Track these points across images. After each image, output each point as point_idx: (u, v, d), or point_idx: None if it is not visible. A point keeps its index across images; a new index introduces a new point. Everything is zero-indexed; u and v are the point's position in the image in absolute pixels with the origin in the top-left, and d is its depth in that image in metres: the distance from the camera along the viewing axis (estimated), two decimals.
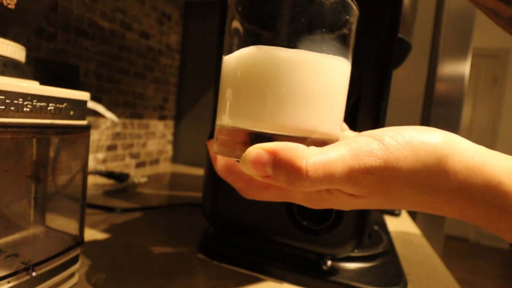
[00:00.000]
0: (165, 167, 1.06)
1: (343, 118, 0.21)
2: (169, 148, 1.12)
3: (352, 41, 0.20)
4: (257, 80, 0.18)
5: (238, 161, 0.18)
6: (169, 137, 1.11)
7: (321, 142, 0.19)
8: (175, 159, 1.14)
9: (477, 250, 2.77)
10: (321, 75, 0.18)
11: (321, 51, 0.18)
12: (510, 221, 0.16)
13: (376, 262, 0.39)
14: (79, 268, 0.30)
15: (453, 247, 2.71)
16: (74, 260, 0.29)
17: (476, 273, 2.28)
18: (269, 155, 0.16)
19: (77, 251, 0.29)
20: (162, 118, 1.05)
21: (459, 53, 0.87)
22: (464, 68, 0.87)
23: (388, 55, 0.32)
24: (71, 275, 0.29)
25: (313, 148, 0.17)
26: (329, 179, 0.16)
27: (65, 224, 0.30)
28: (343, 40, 0.19)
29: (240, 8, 0.19)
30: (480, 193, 0.16)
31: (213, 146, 0.21)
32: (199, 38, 1.09)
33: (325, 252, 0.36)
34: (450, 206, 0.17)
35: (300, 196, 0.21)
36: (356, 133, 0.25)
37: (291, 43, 0.18)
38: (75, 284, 0.30)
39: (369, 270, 0.38)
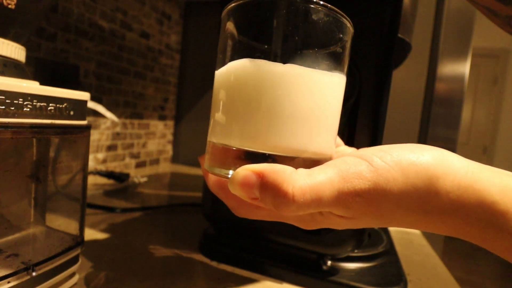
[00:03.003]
0: (165, 167, 1.06)
1: (336, 135, 0.20)
2: (169, 148, 1.12)
3: (346, 57, 0.20)
4: (246, 96, 0.18)
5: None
6: (169, 137, 1.11)
7: (313, 161, 0.18)
8: (175, 159, 1.14)
9: (477, 250, 2.77)
10: (313, 92, 0.18)
11: (315, 68, 0.18)
12: (506, 240, 0.15)
13: (376, 262, 0.39)
14: (79, 268, 0.30)
15: (453, 247, 2.71)
16: (74, 260, 0.29)
17: (476, 273, 2.28)
18: (257, 177, 0.16)
19: (77, 251, 0.29)
20: (162, 118, 1.05)
21: (459, 53, 0.87)
22: (464, 68, 0.87)
23: (388, 55, 0.32)
24: (71, 275, 0.29)
25: (301, 171, 0.16)
26: (316, 203, 0.16)
27: (65, 224, 0.30)
28: (337, 58, 0.19)
29: (233, 24, 0.19)
30: (473, 212, 0.16)
31: (204, 163, 0.21)
32: (199, 38, 1.09)
33: (325, 252, 0.36)
34: (444, 226, 0.17)
35: (292, 217, 0.21)
36: (352, 149, 0.25)
37: (284, 60, 0.17)
38: (75, 284, 0.30)
39: (369, 270, 0.38)
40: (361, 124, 0.33)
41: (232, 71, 0.18)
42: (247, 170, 0.16)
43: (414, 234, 0.59)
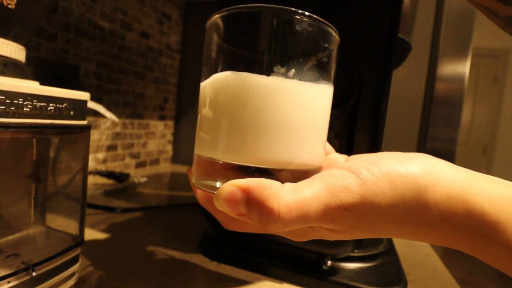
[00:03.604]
0: (165, 167, 1.06)
1: (324, 144, 0.20)
2: (169, 148, 1.12)
3: (333, 66, 0.19)
4: (230, 109, 0.17)
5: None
6: (169, 137, 1.11)
7: (301, 173, 0.18)
8: (175, 159, 1.14)
9: None
10: (298, 104, 0.17)
11: (300, 79, 0.18)
12: (496, 250, 0.15)
13: (376, 262, 0.39)
14: (79, 268, 0.30)
15: None
16: (74, 260, 0.29)
17: (476, 273, 2.28)
18: (243, 193, 0.15)
19: (77, 251, 0.29)
20: (162, 118, 1.05)
21: (459, 53, 0.87)
22: (464, 68, 0.87)
23: (388, 55, 0.32)
24: (71, 275, 0.29)
25: (287, 186, 0.16)
26: (303, 219, 0.15)
27: (65, 224, 0.30)
28: (323, 67, 0.19)
29: (217, 35, 0.19)
30: (463, 223, 0.15)
31: (192, 177, 0.20)
32: (199, 38, 1.09)
33: (325, 252, 0.36)
34: (435, 236, 0.16)
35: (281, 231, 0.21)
36: (343, 156, 0.25)
37: (268, 72, 0.17)
38: (75, 284, 0.30)
39: (369, 270, 0.38)
40: (361, 124, 0.33)
41: (216, 84, 0.18)
42: (232, 185, 0.16)
43: None
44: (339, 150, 0.35)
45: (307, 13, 0.17)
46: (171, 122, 1.11)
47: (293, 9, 0.17)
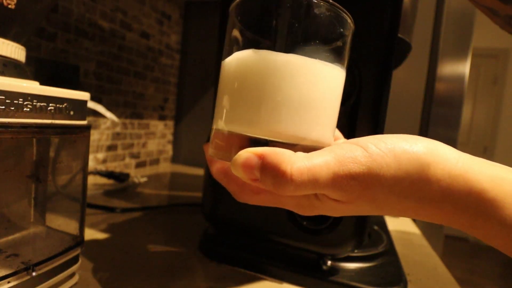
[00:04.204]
0: (165, 167, 1.06)
1: (335, 125, 0.21)
2: (169, 148, 1.12)
3: (347, 53, 0.20)
4: (250, 83, 0.18)
5: None
6: (169, 137, 1.11)
7: (312, 149, 0.19)
8: (175, 159, 1.14)
9: (477, 250, 2.77)
10: (314, 82, 0.18)
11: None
12: (495, 227, 0.16)
13: (376, 262, 0.39)
14: (79, 268, 0.30)
15: (453, 247, 2.71)
16: (74, 260, 0.29)
17: (476, 273, 2.28)
18: (258, 158, 0.17)
19: (77, 251, 0.29)
20: (162, 118, 1.05)
21: (459, 53, 0.87)
22: (464, 68, 0.87)
23: (388, 55, 0.32)
24: (71, 275, 0.29)
25: (300, 154, 0.17)
26: (313, 184, 0.16)
27: (65, 224, 0.30)
28: (337, 52, 0.20)
29: (239, 18, 0.20)
30: (463, 200, 0.16)
31: (209, 149, 0.22)
32: (199, 38, 1.09)
33: (325, 252, 0.36)
34: (435, 213, 0.17)
35: (290, 202, 0.22)
36: (351, 140, 0.25)
37: (287, 52, 0.18)
38: (75, 284, 0.30)
39: (369, 270, 0.38)
40: (361, 124, 0.33)
41: (238, 61, 0.19)
42: (249, 152, 0.17)
43: (414, 234, 0.59)
44: None
45: None
46: (171, 122, 1.11)
47: None
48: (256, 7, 0.20)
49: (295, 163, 0.16)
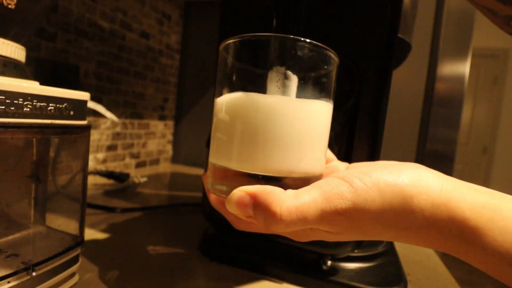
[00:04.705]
0: (165, 167, 1.06)
1: (325, 153, 0.23)
2: (169, 148, 1.12)
3: (332, 85, 0.22)
4: (240, 124, 0.20)
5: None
6: (169, 137, 1.11)
7: (302, 180, 0.20)
8: (175, 159, 1.14)
9: None
10: (298, 119, 0.20)
11: (302, 96, 0.20)
12: (478, 253, 0.16)
13: (376, 262, 0.39)
14: (79, 268, 0.30)
15: None
16: (74, 260, 0.29)
17: (476, 273, 2.28)
18: (250, 198, 0.18)
19: (77, 251, 0.29)
20: (162, 118, 1.05)
21: (459, 53, 0.87)
22: (464, 68, 0.87)
23: (388, 55, 0.32)
24: (71, 275, 0.29)
25: (289, 192, 0.18)
26: (302, 222, 0.17)
27: (65, 224, 0.30)
28: (323, 87, 0.21)
29: (230, 59, 0.22)
30: (446, 228, 0.17)
31: (206, 181, 0.23)
32: (199, 38, 1.09)
33: (325, 252, 0.36)
34: (422, 240, 0.18)
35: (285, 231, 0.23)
36: (344, 164, 0.27)
37: (274, 92, 0.20)
38: (75, 284, 0.30)
39: (369, 270, 0.38)
40: (361, 124, 0.33)
41: (228, 103, 0.21)
42: (242, 191, 0.18)
43: None
44: (339, 150, 0.35)
45: (308, 40, 0.19)
46: (171, 122, 1.11)
47: (296, 37, 0.19)
48: (246, 49, 0.21)
49: (284, 202, 0.17)
